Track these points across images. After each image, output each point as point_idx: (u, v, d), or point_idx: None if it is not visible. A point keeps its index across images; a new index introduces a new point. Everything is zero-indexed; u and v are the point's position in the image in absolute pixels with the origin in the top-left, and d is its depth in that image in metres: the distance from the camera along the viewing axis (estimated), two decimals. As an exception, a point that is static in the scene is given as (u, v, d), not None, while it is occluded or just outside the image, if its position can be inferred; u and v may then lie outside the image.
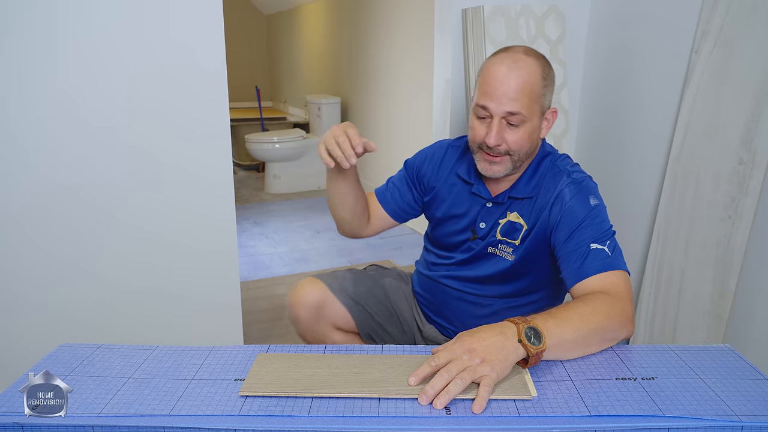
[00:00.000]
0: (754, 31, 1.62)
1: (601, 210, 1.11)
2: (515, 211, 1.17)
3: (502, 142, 1.10)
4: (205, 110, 1.66)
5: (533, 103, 1.08)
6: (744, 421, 0.71)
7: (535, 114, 1.10)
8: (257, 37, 7.02)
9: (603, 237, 1.06)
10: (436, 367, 0.80)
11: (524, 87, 1.06)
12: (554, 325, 0.86)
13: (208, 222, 1.75)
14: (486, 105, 1.08)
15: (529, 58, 1.09)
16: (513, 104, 1.06)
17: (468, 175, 1.24)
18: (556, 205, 1.12)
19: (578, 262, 1.03)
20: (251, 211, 4.17)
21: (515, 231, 1.17)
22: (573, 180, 1.14)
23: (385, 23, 3.91)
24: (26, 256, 1.60)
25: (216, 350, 0.94)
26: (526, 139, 1.10)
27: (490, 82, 1.08)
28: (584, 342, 0.88)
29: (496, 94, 1.07)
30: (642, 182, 2.07)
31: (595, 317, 0.90)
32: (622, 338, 0.94)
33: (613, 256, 1.04)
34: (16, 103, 1.50)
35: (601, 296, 0.96)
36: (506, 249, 1.19)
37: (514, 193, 1.18)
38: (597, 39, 2.22)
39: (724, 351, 0.90)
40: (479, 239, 1.22)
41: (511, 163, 1.12)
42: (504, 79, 1.06)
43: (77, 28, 1.50)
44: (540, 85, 1.09)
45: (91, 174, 1.60)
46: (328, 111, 4.72)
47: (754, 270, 1.69)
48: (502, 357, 0.80)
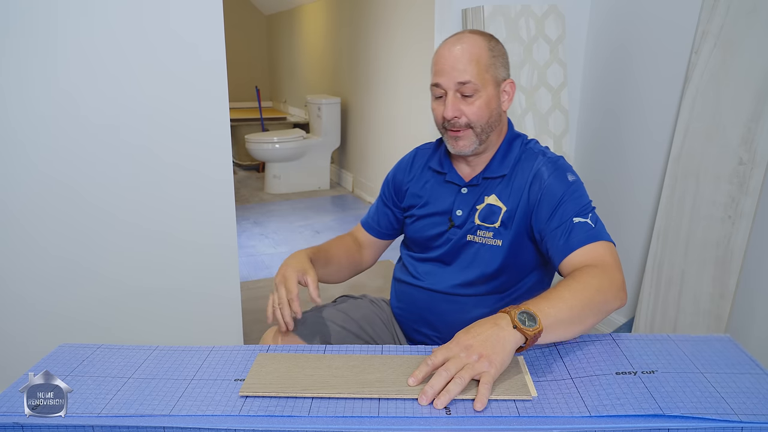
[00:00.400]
0: (754, 31, 1.62)
1: (579, 185, 1.12)
2: (492, 193, 1.17)
3: (460, 114, 1.12)
4: (205, 107, 1.67)
5: (482, 72, 1.11)
6: (744, 420, 0.71)
7: (488, 83, 1.12)
8: (257, 37, 7.03)
9: (584, 210, 1.07)
10: (433, 366, 0.80)
11: (471, 57, 1.10)
12: (547, 305, 0.86)
13: (208, 219, 1.75)
14: (438, 82, 1.12)
15: (473, 35, 1.14)
16: (462, 74, 1.10)
17: (440, 165, 1.24)
18: (534, 183, 1.13)
19: (563, 238, 1.05)
20: (251, 211, 4.17)
21: (493, 214, 1.16)
22: (548, 159, 1.15)
23: (386, 23, 3.91)
24: (26, 254, 1.60)
25: (216, 350, 0.94)
26: (484, 108, 1.12)
27: (439, 61, 1.13)
28: (580, 317, 0.89)
29: (445, 69, 1.11)
30: (642, 182, 2.07)
31: (586, 291, 0.91)
32: (616, 308, 0.96)
33: (597, 228, 1.05)
34: (16, 100, 1.50)
35: (590, 269, 0.97)
36: (486, 234, 1.16)
37: (487, 173, 1.18)
38: (597, 39, 2.22)
39: (724, 341, 0.90)
40: (456, 228, 1.19)
41: (475, 135, 1.14)
42: (450, 54, 1.11)
43: (77, 27, 1.51)
44: (487, 55, 1.12)
45: (91, 172, 1.60)
46: (328, 111, 4.72)
47: (754, 270, 1.69)
48: (499, 349, 0.80)
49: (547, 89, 2.09)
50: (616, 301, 0.95)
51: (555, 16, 2.06)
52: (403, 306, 1.29)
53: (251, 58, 6.98)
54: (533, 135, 2.08)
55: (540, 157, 1.15)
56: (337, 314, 1.28)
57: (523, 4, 2.01)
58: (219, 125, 1.69)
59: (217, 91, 1.66)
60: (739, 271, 1.67)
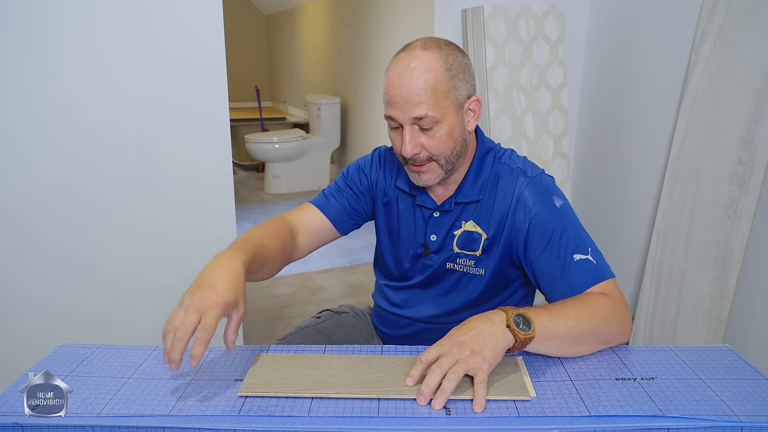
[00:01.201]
0: (754, 31, 1.62)
1: (568, 211, 1.03)
2: (470, 219, 1.07)
3: (420, 149, 0.99)
4: (204, 100, 1.67)
5: (441, 99, 0.96)
6: (744, 421, 0.71)
7: (449, 111, 0.98)
8: (257, 37, 7.02)
9: (582, 245, 0.99)
10: (426, 362, 0.80)
11: (425, 86, 0.94)
12: (547, 318, 0.85)
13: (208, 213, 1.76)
14: (391, 115, 0.99)
15: (426, 53, 0.96)
16: (416, 109, 0.95)
17: (408, 186, 1.13)
18: (519, 210, 1.03)
19: (564, 277, 0.97)
20: (251, 211, 4.17)
21: (474, 241, 1.07)
22: (530, 180, 1.04)
23: (385, 23, 3.91)
24: (27, 253, 1.60)
25: (216, 350, 0.94)
26: (446, 140, 0.99)
27: (390, 90, 0.97)
28: (576, 341, 0.88)
29: (397, 102, 0.96)
30: (642, 182, 2.07)
31: (591, 319, 0.89)
32: (618, 343, 0.93)
33: (599, 265, 0.98)
34: (17, 99, 1.50)
35: (602, 298, 0.93)
36: (467, 262, 1.08)
37: (459, 197, 1.07)
38: (597, 39, 2.22)
39: (724, 351, 0.90)
40: (433, 254, 1.11)
41: (440, 167, 1.02)
42: (401, 83, 0.95)
43: (78, 26, 1.51)
44: (444, 78, 0.96)
45: (91, 170, 1.61)
46: (328, 111, 4.72)
47: (754, 270, 1.69)
48: (491, 344, 0.80)
49: (547, 89, 2.09)
50: (620, 336, 0.92)
51: (555, 16, 2.06)
52: (386, 330, 1.24)
53: (251, 58, 6.98)
54: (533, 135, 2.08)
55: (520, 178, 1.04)
56: (317, 336, 1.20)
57: (523, 4, 2.01)
58: (218, 118, 1.70)
59: (216, 82, 1.66)
60: (739, 271, 1.67)
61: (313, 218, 1.17)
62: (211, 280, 0.84)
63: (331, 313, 1.28)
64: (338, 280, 2.92)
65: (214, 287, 0.82)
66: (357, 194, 1.19)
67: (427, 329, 1.16)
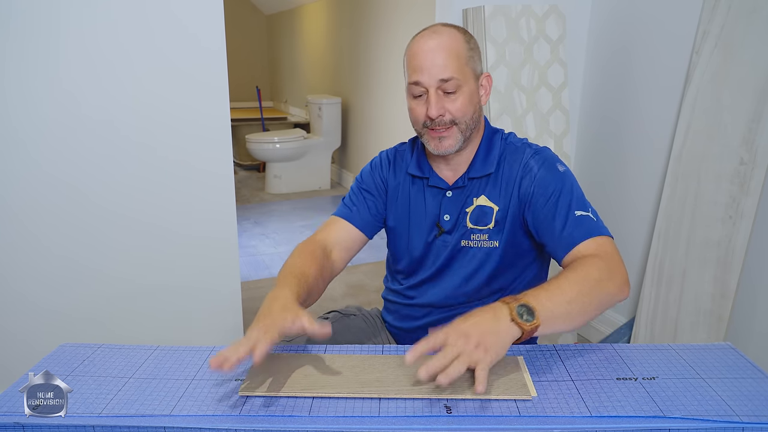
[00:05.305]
0: (755, 31, 1.62)
1: (570, 175, 1.10)
2: (482, 194, 1.12)
3: (445, 112, 1.07)
4: (205, 101, 1.67)
5: (463, 66, 1.07)
6: (745, 421, 0.71)
7: (469, 77, 1.08)
8: (258, 37, 7.02)
9: (583, 203, 1.06)
10: (433, 344, 0.79)
11: (450, 52, 1.06)
12: (546, 297, 0.86)
13: (209, 215, 1.76)
14: (419, 80, 1.07)
15: (447, 27, 1.10)
16: (444, 71, 1.05)
17: (420, 169, 1.18)
18: (525, 178, 1.10)
19: (565, 232, 1.02)
20: (252, 211, 4.17)
21: (485, 215, 1.12)
22: (535, 151, 1.12)
23: (386, 23, 3.91)
24: (28, 252, 1.60)
25: (217, 350, 0.94)
26: (468, 104, 1.08)
27: (418, 56, 1.07)
28: (580, 309, 0.89)
29: (425, 66, 1.06)
30: (643, 182, 2.07)
31: (587, 282, 0.90)
32: (618, 300, 0.95)
33: (597, 222, 1.04)
34: (17, 99, 1.50)
35: (592, 260, 0.95)
36: (481, 237, 1.12)
37: (472, 173, 1.13)
38: (598, 39, 2.22)
39: (725, 349, 0.90)
40: (447, 234, 1.14)
41: (460, 133, 1.09)
42: (429, 50, 1.06)
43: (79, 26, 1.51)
44: (465, 48, 1.08)
45: (92, 170, 1.61)
46: (328, 111, 4.72)
47: (755, 270, 1.69)
48: (497, 340, 0.81)
49: (548, 89, 2.08)
50: (618, 293, 0.94)
51: (556, 16, 2.05)
52: (400, 326, 1.24)
53: (252, 58, 6.98)
54: (534, 135, 2.08)
55: (526, 150, 1.13)
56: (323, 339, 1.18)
57: (524, 4, 2.01)
58: (219, 119, 1.69)
59: (217, 83, 1.66)
60: (740, 270, 1.67)
61: (343, 231, 1.21)
62: (266, 313, 0.88)
63: (339, 315, 1.28)
64: (339, 280, 2.91)
65: (272, 313, 0.87)
66: (375, 195, 1.23)
67: (444, 318, 1.17)
